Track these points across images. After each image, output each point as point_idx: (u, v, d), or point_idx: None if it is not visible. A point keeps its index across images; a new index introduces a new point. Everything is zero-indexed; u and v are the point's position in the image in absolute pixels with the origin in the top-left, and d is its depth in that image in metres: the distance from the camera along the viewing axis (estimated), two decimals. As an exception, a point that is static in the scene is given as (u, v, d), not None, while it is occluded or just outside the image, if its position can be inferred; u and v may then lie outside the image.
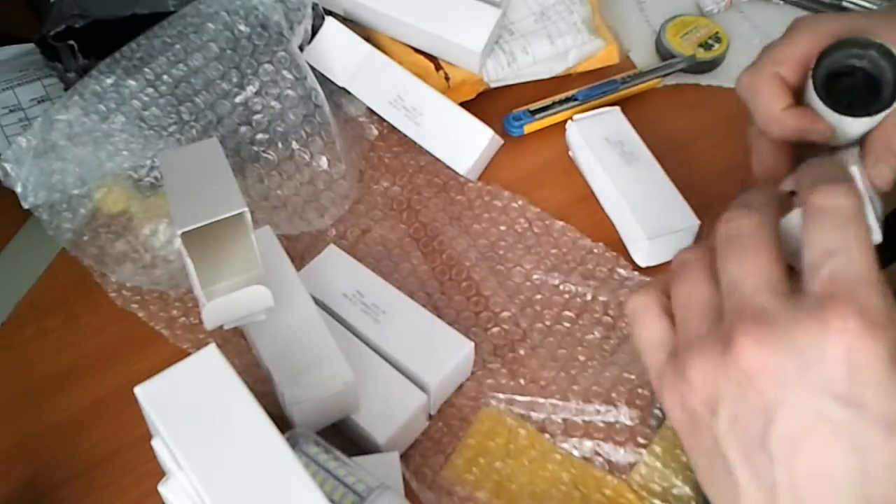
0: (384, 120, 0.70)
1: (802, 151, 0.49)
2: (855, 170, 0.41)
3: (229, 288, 0.49)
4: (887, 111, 0.44)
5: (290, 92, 0.65)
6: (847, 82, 0.46)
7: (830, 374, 0.30)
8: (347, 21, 0.72)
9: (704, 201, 0.64)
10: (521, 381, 0.57)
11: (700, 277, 0.35)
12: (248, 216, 0.48)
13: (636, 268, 0.63)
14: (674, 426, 0.35)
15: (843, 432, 0.30)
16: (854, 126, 0.45)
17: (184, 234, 0.47)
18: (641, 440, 0.54)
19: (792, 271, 0.34)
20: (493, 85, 0.72)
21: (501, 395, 0.56)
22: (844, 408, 0.30)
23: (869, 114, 0.44)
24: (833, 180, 0.35)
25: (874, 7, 0.79)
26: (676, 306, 0.36)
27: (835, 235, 0.32)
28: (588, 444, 0.54)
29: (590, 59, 0.74)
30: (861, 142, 0.46)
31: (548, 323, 0.60)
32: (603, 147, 0.66)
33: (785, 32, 0.49)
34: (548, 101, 0.71)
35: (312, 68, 0.67)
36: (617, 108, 0.69)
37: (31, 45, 0.68)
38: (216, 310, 0.49)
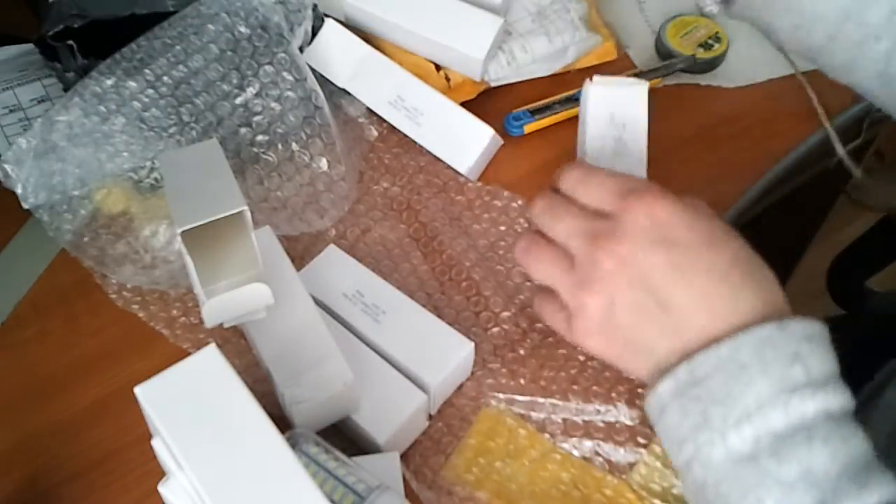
0: (384, 121, 0.70)
1: None
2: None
3: (229, 287, 0.49)
4: None
5: (290, 93, 0.65)
6: None
7: (647, 234, 0.45)
8: (348, 27, 0.71)
9: (704, 201, 0.64)
10: (521, 381, 0.57)
11: (544, 249, 0.50)
12: (248, 215, 0.48)
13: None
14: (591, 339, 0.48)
15: (669, 263, 0.44)
16: None
17: (183, 232, 0.47)
18: (641, 440, 0.54)
19: None
20: (493, 84, 0.72)
21: (501, 395, 0.56)
22: (665, 248, 0.44)
23: None
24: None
25: None
26: (542, 275, 0.50)
27: (592, 189, 0.49)
28: (588, 443, 0.54)
29: (588, 55, 0.74)
30: None
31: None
32: (602, 125, 0.61)
33: None
34: (548, 102, 0.71)
35: (312, 69, 0.67)
36: (644, 84, 0.61)
37: (30, 45, 0.68)
38: (216, 308, 0.49)
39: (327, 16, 0.70)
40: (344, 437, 0.54)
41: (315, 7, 0.68)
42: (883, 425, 0.52)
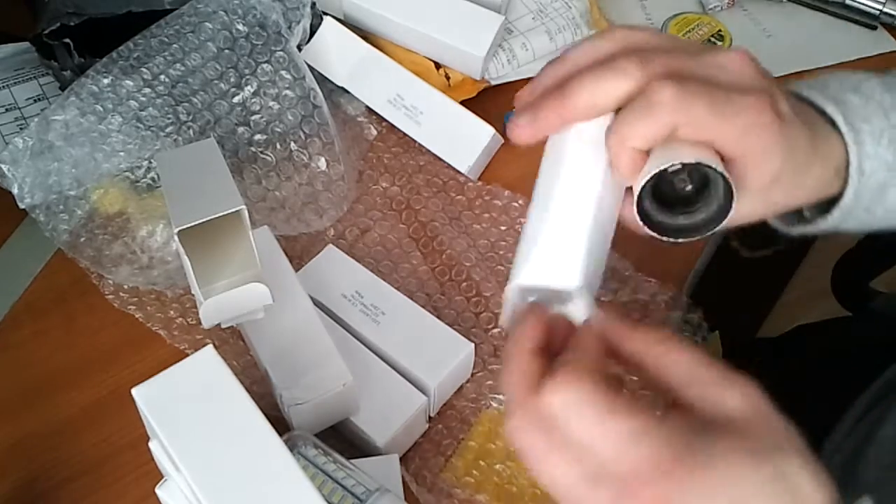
0: (383, 120, 0.69)
1: None
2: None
3: (227, 287, 0.49)
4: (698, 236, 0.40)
5: (288, 92, 0.65)
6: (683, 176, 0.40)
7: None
8: (347, 25, 0.71)
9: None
10: (522, 383, 0.57)
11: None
12: (246, 213, 0.48)
13: (637, 268, 0.62)
14: None
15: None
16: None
17: (181, 232, 0.47)
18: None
19: None
20: (493, 83, 0.71)
21: (502, 397, 0.56)
22: None
23: (682, 234, 0.40)
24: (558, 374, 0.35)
25: (879, 5, 0.78)
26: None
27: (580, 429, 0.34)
28: (590, 445, 0.54)
29: (590, 56, 0.73)
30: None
31: (549, 323, 0.59)
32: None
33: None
34: (548, 100, 0.71)
35: (311, 68, 0.66)
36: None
37: (27, 44, 0.68)
38: (214, 307, 0.48)
39: (326, 14, 0.70)
40: (343, 440, 0.54)
41: (313, 5, 0.67)
42: (876, 459, 0.51)
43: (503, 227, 0.65)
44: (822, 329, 0.78)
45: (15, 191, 0.59)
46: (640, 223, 0.40)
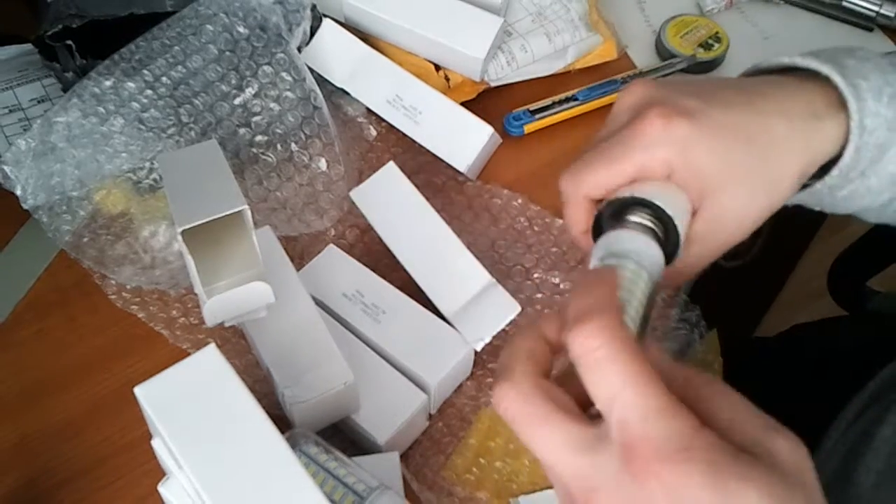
0: (383, 120, 0.70)
1: None
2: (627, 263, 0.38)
3: (230, 286, 0.49)
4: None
5: (289, 94, 0.65)
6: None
7: None
8: (347, 27, 0.71)
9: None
10: (522, 381, 0.57)
11: None
12: (249, 213, 0.48)
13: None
14: None
15: None
16: None
17: (184, 232, 0.47)
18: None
19: None
20: (492, 84, 0.71)
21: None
22: None
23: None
24: (581, 318, 0.32)
25: (876, 7, 0.79)
26: None
27: (605, 381, 0.31)
28: (589, 443, 0.54)
29: (588, 55, 0.74)
30: None
31: (548, 323, 0.60)
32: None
33: (620, 150, 0.43)
34: (548, 101, 0.71)
35: (311, 69, 0.67)
36: (391, 164, 0.62)
37: (30, 45, 0.68)
38: (217, 307, 0.49)
39: (326, 16, 0.70)
40: (344, 438, 0.54)
41: (314, 7, 0.68)
42: (874, 462, 0.51)
43: (502, 227, 0.65)
44: (819, 328, 0.79)
45: (18, 192, 0.60)
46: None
